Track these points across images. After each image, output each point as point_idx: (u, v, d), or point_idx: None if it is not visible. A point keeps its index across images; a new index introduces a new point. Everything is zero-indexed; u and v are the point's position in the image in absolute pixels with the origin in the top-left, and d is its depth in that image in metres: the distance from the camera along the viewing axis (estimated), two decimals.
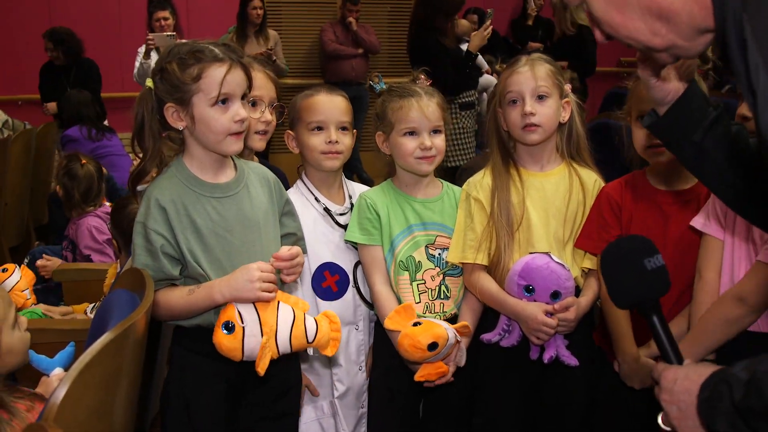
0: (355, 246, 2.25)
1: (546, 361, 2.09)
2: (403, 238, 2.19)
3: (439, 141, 2.19)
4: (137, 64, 5.62)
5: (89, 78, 5.77)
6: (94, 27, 6.39)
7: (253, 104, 2.17)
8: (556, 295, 2.07)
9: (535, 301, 2.07)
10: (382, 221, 2.19)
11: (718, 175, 1.46)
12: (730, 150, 1.43)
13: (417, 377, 2.09)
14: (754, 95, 0.98)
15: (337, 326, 1.93)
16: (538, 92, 2.12)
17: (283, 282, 1.92)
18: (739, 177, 1.43)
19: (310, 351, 1.93)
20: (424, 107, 2.16)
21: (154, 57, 5.41)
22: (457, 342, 2.10)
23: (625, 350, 2.05)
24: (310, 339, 1.87)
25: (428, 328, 2.02)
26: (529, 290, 2.08)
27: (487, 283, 2.15)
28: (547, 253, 2.10)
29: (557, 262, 2.08)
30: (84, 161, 3.67)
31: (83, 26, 6.64)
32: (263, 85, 2.22)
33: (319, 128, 2.20)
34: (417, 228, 2.21)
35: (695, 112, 1.44)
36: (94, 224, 3.46)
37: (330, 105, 2.22)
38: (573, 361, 2.09)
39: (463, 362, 2.13)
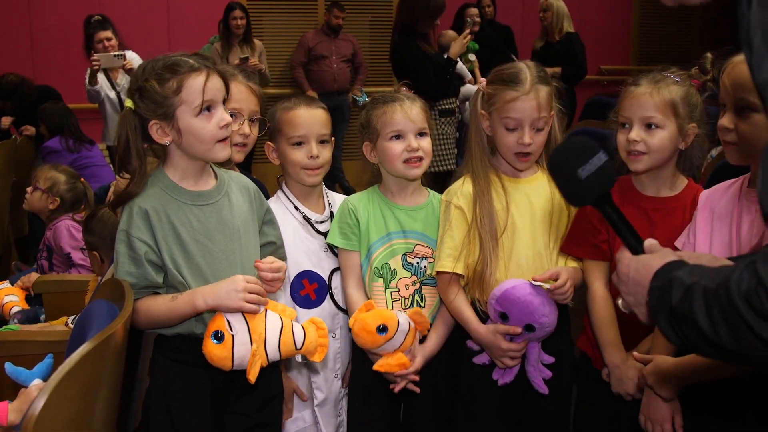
0: (335, 252, 2.26)
1: (499, 384, 2.11)
2: (381, 245, 2.20)
3: (426, 143, 2.19)
4: (87, 86, 5.19)
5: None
6: (70, 31, 6.28)
7: (231, 116, 2.17)
8: (530, 328, 2.05)
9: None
10: (361, 227, 2.20)
11: None
12: None
13: (375, 367, 2.10)
14: (750, 50, 1.03)
15: (324, 332, 1.94)
16: (537, 125, 2.11)
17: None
18: None
19: (298, 358, 1.93)
20: (407, 110, 2.17)
21: (101, 79, 5.19)
22: (414, 330, 2.11)
23: (613, 356, 2.01)
24: (299, 346, 1.88)
25: (377, 312, 2.07)
26: (503, 317, 2.07)
27: (460, 304, 2.15)
28: (530, 282, 2.04)
29: (540, 296, 2.03)
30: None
31: (61, 30, 6.62)
32: (244, 98, 2.22)
33: (300, 143, 2.21)
34: (396, 236, 2.21)
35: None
36: (71, 223, 3.43)
37: (310, 119, 2.22)
38: (543, 389, 2.10)
39: (418, 360, 2.13)
